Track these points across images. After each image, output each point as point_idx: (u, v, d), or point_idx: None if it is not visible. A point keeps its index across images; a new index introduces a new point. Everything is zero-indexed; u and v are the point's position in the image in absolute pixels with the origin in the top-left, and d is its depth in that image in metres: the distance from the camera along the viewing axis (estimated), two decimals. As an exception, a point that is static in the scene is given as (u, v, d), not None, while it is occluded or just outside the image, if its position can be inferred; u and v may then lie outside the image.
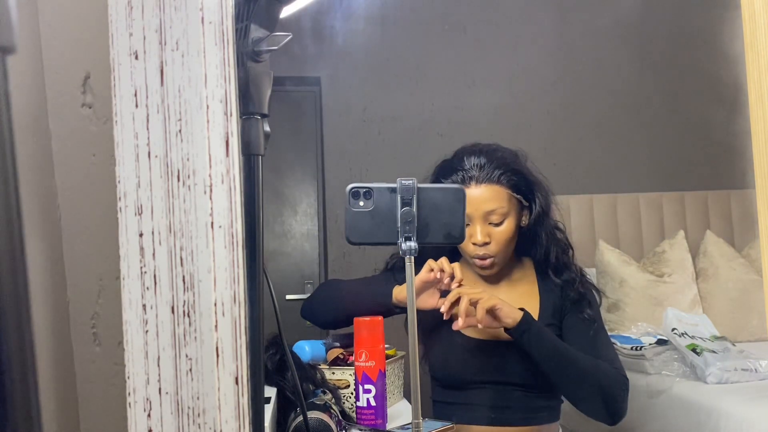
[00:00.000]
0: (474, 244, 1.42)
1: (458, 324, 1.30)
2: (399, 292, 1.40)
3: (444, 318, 1.32)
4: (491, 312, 1.32)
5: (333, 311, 1.50)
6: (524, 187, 1.47)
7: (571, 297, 1.47)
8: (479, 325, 1.32)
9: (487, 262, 1.44)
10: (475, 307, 1.30)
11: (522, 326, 1.34)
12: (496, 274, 1.49)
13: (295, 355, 1.38)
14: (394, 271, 1.54)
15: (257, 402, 0.76)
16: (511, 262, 1.52)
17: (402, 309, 1.40)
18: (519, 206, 1.47)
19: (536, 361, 1.37)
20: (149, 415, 0.74)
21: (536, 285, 1.52)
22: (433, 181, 1.49)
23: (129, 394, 0.74)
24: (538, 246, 1.50)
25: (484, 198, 1.42)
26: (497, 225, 1.43)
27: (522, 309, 1.37)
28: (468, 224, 1.42)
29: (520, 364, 1.41)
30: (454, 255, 1.56)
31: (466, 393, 1.46)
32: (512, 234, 1.45)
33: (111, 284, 1.05)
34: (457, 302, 1.31)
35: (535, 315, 1.47)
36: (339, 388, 1.37)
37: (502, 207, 1.43)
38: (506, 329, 1.36)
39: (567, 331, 1.46)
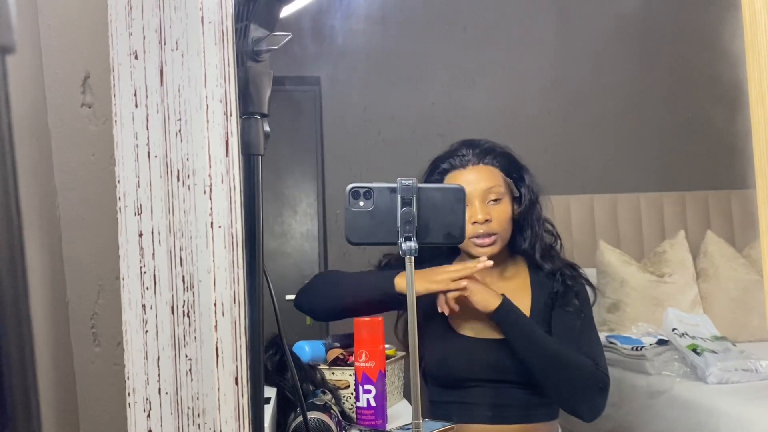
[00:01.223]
0: (475, 223, 1.43)
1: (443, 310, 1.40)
2: (402, 280, 1.40)
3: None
4: (465, 299, 1.39)
5: (332, 300, 1.48)
6: (515, 173, 1.51)
7: (558, 289, 1.48)
8: (456, 308, 1.39)
9: (490, 240, 1.45)
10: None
11: (499, 314, 1.39)
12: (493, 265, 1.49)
13: (295, 356, 1.37)
14: (389, 270, 1.54)
15: (257, 402, 0.75)
16: (504, 258, 1.52)
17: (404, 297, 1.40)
18: (511, 194, 1.50)
19: (513, 348, 1.40)
20: (149, 416, 0.74)
21: (528, 280, 1.52)
22: (428, 175, 1.51)
23: (129, 394, 0.74)
24: (527, 233, 1.51)
25: (480, 177, 1.46)
26: (495, 204, 1.46)
27: (502, 295, 1.40)
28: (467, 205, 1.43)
29: (517, 362, 1.41)
30: (453, 251, 1.57)
31: (464, 392, 1.46)
32: (509, 215, 1.48)
33: (110, 284, 1.05)
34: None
35: (527, 310, 1.48)
36: (339, 388, 1.37)
37: (499, 186, 1.47)
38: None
39: (553, 323, 1.46)
